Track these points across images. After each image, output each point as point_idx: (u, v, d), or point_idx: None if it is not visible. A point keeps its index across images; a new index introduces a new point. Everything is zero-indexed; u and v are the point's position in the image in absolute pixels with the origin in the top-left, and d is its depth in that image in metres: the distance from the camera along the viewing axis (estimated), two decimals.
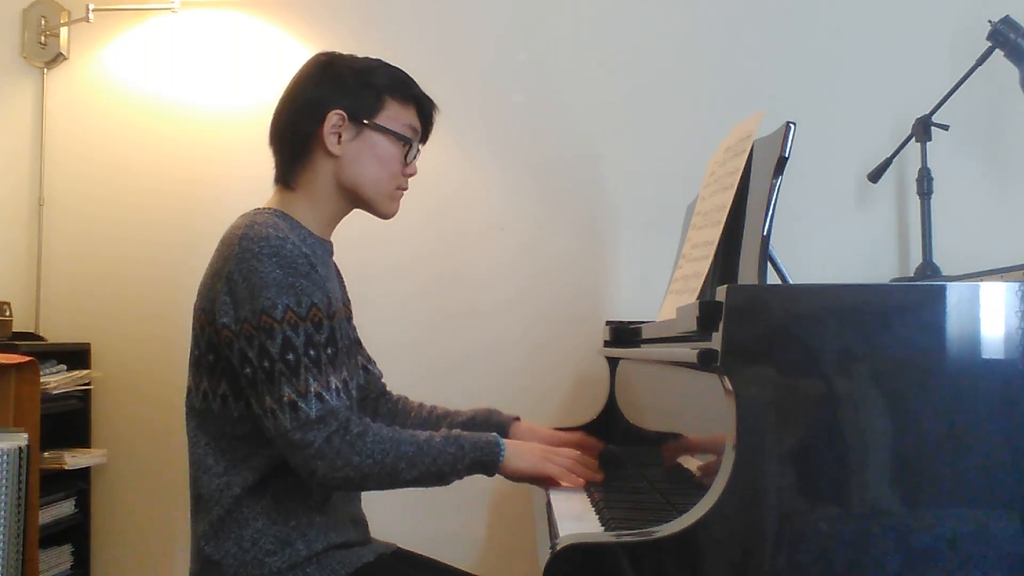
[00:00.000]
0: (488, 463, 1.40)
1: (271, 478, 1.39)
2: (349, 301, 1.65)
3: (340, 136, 1.46)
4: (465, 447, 1.38)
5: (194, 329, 1.43)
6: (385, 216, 1.54)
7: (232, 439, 1.40)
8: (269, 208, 1.48)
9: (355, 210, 1.55)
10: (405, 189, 1.55)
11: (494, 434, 1.43)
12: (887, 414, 1.02)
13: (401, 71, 1.54)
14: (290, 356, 1.31)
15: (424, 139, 1.58)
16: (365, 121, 1.48)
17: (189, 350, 1.45)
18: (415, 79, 1.55)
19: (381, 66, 1.53)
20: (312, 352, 1.32)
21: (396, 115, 1.50)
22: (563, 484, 1.45)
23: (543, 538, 1.33)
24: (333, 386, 1.33)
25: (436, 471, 1.37)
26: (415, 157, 1.54)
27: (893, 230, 2.43)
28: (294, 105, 1.50)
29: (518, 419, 1.73)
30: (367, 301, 1.68)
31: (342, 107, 1.46)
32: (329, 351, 1.35)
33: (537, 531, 1.46)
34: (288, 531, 1.38)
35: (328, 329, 1.37)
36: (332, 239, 1.57)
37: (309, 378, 1.31)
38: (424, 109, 1.55)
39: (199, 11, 2.58)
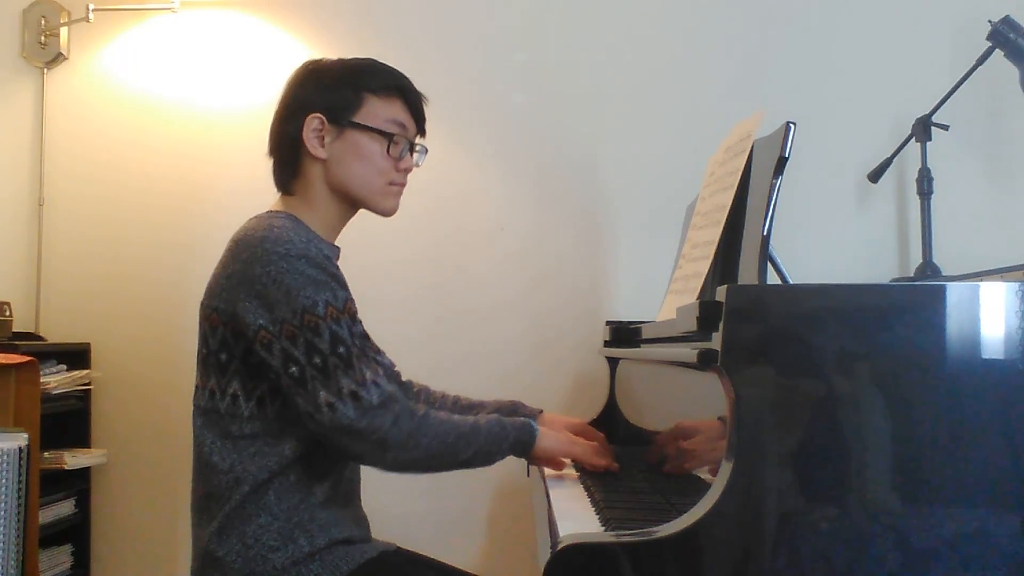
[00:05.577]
0: (526, 443, 1.49)
1: (275, 475, 1.40)
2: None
3: (323, 139, 1.48)
4: (507, 428, 1.47)
5: (202, 327, 1.43)
6: (384, 213, 1.54)
7: (238, 438, 1.40)
8: (281, 212, 1.49)
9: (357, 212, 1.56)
10: (401, 184, 1.54)
11: (523, 418, 1.53)
12: (887, 414, 1.02)
13: (386, 66, 1.53)
14: (341, 349, 1.33)
15: (421, 132, 1.57)
16: (344, 121, 1.48)
17: (196, 349, 1.45)
18: (412, 77, 1.54)
19: (364, 64, 1.53)
20: (358, 343, 1.37)
21: (377, 111, 1.49)
22: (592, 463, 1.58)
23: (543, 538, 1.33)
24: (382, 373, 1.38)
25: (487, 451, 1.44)
26: (406, 152, 1.53)
27: (893, 230, 2.43)
28: (280, 113, 1.53)
29: (542, 412, 1.78)
30: (366, 301, 1.68)
31: (320, 109, 1.47)
32: (367, 341, 1.42)
33: (537, 531, 1.46)
34: (291, 527, 1.39)
35: (360, 323, 1.42)
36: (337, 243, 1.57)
37: (362, 367, 1.34)
38: (411, 101, 1.53)
39: (199, 11, 2.58)
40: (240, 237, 1.42)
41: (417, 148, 1.56)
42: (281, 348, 1.33)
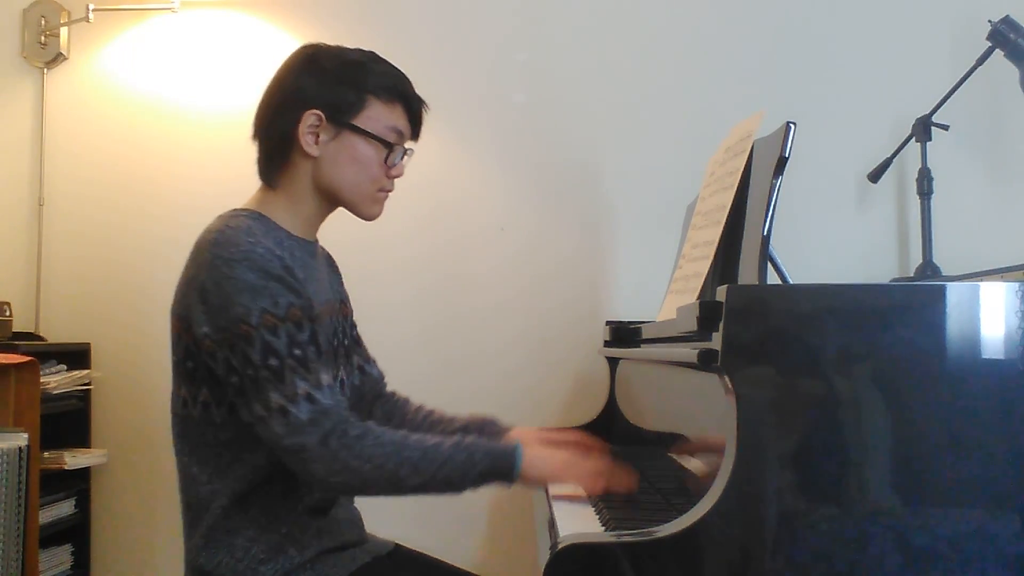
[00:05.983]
0: (505, 472, 1.32)
1: (259, 485, 1.36)
2: (347, 298, 1.61)
3: (318, 136, 1.40)
4: (476, 456, 1.31)
5: (171, 334, 1.38)
6: (367, 218, 1.47)
7: (214, 446, 1.36)
8: (246, 210, 1.42)
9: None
10: (389, 191, 1.47)
11: (516, 442, 1.35)
12: (887, 414, 1.02)
13: (390, 67, 1.46)
14: (273, 361, 1.26)
15: (415, 137, 1.50)
16: (343, 122, 1.40)
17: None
18: (412, 78, 1.49)
19: (368, 61, 1.44)
20: (297, 351, 1.27)
21: (378, 116, 1.42)
22: (588, 489, 1.40)
23: (543, 538, 1.33)
24: (325, 384, 1.28)
25: (443, 478, 1.29)
26: (400, 159, 1.46)
27: (893, 230, 2.43)
28: (274, 99, 1.45)
29: (510, 429, 1.61)
30: (366, 302, 1.68)
31: (320, 106, 1.39)
32: (312, 349, 1.29)
33: (537, 531, 1.46)
34: (280, 538, 1.35)
35: (310, 329, 1.30)
36: (324, 239, 1.53)
37: (295, 380, 1.26)
38: (412, 109, 1.46)
39: (199, 11, 2.58)
40: (199, 239, 1.37)
41: (405, 151, 1.49)
42: (223, 357, 1.29)
